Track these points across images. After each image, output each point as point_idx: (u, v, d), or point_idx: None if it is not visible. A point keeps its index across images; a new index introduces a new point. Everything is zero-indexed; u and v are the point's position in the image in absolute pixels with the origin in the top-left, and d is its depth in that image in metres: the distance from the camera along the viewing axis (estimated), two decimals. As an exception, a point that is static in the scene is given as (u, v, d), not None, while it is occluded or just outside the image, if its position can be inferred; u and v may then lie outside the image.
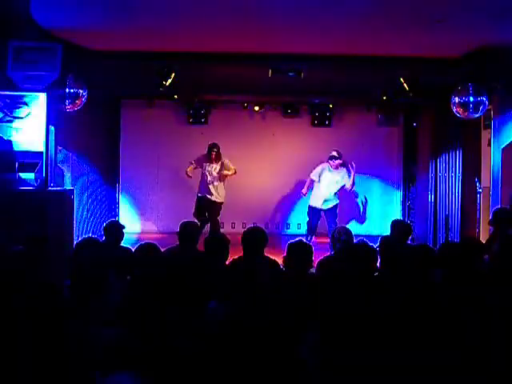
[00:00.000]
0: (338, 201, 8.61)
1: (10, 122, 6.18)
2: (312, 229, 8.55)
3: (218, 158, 8.81)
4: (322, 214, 8.55)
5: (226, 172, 8.83)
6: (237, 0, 5.04)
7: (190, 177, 8.86)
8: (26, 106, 6.19)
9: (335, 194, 8.56)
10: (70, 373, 2.57)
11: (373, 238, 5.06)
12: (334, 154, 8.52)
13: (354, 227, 9.13)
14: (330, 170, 8.54)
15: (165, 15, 5.46)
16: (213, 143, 8.85)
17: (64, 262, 4.86)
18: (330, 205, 8.51)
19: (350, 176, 8.50)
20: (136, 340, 2.74)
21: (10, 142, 6.10)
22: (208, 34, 6.12)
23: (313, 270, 4.47)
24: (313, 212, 8.58)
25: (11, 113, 6.17)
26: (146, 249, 4.05)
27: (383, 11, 5.22)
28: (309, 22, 5.59)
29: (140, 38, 6.30)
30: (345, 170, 8.57)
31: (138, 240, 7.62)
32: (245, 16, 5.43)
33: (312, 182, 8.68)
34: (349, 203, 10.29)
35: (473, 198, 8.07)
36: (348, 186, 8.52)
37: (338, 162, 8.47)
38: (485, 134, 7.77)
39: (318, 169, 8.64)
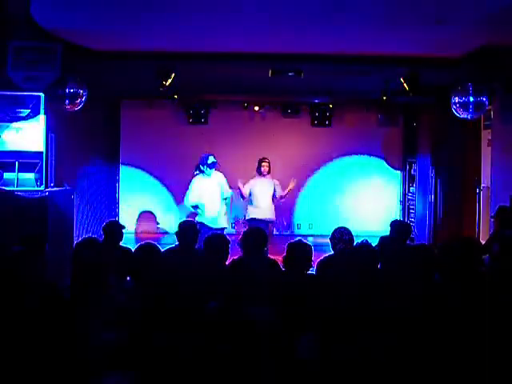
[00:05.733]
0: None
1: (10, 122, 6.19)
2: None
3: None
4: None
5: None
6: (237, 0, 5.05)
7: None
8: (25, 106, 6.19)
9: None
10: (68, 372, 2.57)
11: (373, 238, 5.05)
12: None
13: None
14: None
15: (165, 15, 5.46)
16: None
17: (64, 262, 4.86)
18: None
19: None
20: (135, 341, 2.74)
21: None
22: (208, 34, 6.12)
23: (313, 270, 4.48)
24: None
25: (11, 113, 6.17)
26: (146, 249, 4.05)
27: (383, 11, 5.22)
28: (309, 22, 5.59)
29: (140, 38, 6.31)
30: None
31: (138, 240, 7.62)
32: (245, 16, 5.43)
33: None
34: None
35: (473, 198, 8.08)
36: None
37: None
38: (485, 134, 7.78)
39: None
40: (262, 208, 7.78)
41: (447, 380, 2.76)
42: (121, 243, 5.40)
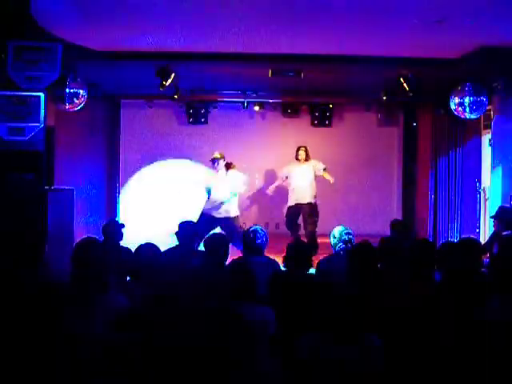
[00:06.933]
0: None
1: (10, 122, 6.18)
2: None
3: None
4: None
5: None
6: (237, 0, 5.05)
7: None
8: (25, 106, 6.19)
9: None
10: (68, 373, 2.57)
11: (373, 238, 5.05)
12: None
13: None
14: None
15: (165, 15, 5.46)
16: None
17: (64, 262, 4.86)
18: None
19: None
20: (134, 341, 2.74)
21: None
22: (208, 34, 6.12)
23: (313, 270, 4.48)
24: None
25: (11, 113, 6.17)
26: (146, 249, 4.06)
27: (383, 11, 5.22)
28: (309, 22, 5.59)
29: (140, 38, 6.30)
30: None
31: (138, 240, 7.60)
32: (245, 16, 5.43)
33: None
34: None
35: (473, 198, 8.08)
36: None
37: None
38: (485, 134, 7.78)
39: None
40: (298, 190, 8.56)
41: (448, 379, 2.77)
42: (121, 243, 5.40)
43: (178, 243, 5.07)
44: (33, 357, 2.60)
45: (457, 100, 6.97)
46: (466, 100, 6.87)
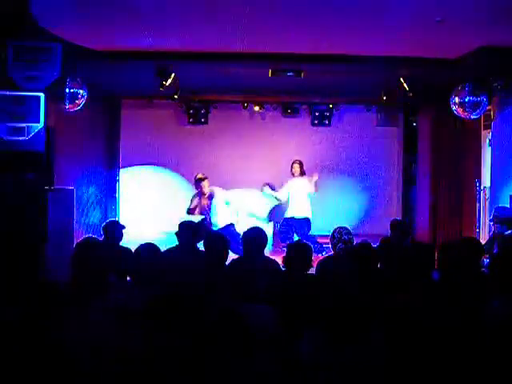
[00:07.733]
0: None
1: (10, 122, 6.18)
2: None
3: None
4: None
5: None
6: (237, 0, 5.05)
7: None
8: (25, 106, 6.19)
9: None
10: (67, 373, 2.57)
11: (373, 238, 5.05)
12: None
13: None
14: None
15: (165, 15, 5.46)
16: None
17: (64, 262, 4.85)
18: None
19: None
20: (135, 342, 2.74)
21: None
22: (208, 34, 6.12)
23: (313, 270, 4.48)
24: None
25: (11, 113, 6.17)
26: (146, 249, 4.05)
27: (383, 11, 5.23)
28: (308, 22, 5.59)
29: (140, 38, 6.30)
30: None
31: (138, 240, 7.59)
32: (245, 16, 5.43)
33: None
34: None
35: (473, 198, 8.08)
36: None
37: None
38: (485, 134, 7.79)
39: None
40: (294, 205, 8.76)
41: (448, 379, 2.77)
42: (121, 243, 5.40)
43: (177, 243, 5.07)
44: (32, 357, 2.60)
45: (457, 100, 6.97)
46: (466, 100, 6.87)
